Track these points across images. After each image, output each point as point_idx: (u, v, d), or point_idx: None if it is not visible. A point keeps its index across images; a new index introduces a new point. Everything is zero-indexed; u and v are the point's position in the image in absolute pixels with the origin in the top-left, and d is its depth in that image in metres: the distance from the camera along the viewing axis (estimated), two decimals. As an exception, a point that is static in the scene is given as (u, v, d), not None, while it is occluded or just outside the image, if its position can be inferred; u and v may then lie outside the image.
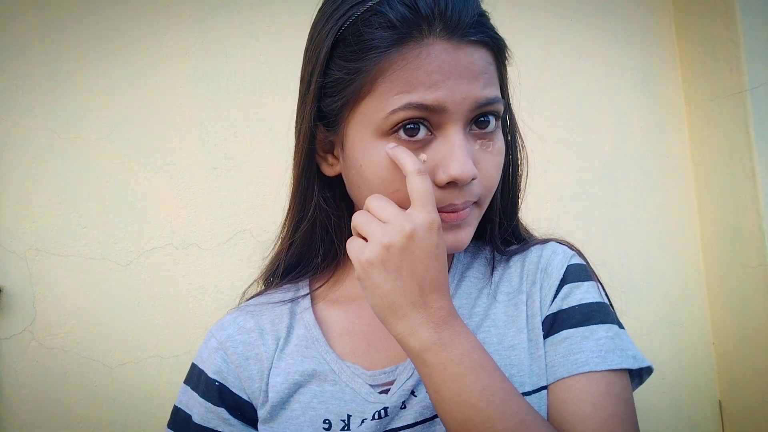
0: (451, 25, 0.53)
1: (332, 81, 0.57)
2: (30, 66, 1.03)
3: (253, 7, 1.14)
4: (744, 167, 1.31)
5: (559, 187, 1.33)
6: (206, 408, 0.62)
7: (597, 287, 0.65)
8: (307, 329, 0.65)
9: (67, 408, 1.01)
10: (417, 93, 0.53)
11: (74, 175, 1.04)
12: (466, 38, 0.54)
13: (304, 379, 0.61)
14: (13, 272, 1.01)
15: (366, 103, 0.56)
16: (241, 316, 0.67)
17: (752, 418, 1.34)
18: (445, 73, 0.53)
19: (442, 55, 0.53)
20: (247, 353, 0.63)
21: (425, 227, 0.52)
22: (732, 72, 1.32)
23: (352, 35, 0.55)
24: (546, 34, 1.35)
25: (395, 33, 0.53)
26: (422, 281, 0.52)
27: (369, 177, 0.57)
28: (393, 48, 0.53)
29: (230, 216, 1.11)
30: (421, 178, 0.52)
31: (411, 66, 0.53)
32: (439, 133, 0.55)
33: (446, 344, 0.51)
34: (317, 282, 0.70)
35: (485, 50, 0.56)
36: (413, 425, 0.57)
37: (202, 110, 1.11)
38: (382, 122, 0.54)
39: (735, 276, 1.35)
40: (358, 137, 0.57)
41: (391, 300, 0.51)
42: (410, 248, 0.51)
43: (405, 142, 0.55)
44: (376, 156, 0.56)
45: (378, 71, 0.54)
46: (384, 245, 0.51)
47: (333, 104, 0.58)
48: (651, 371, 0.62)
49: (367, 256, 0.52)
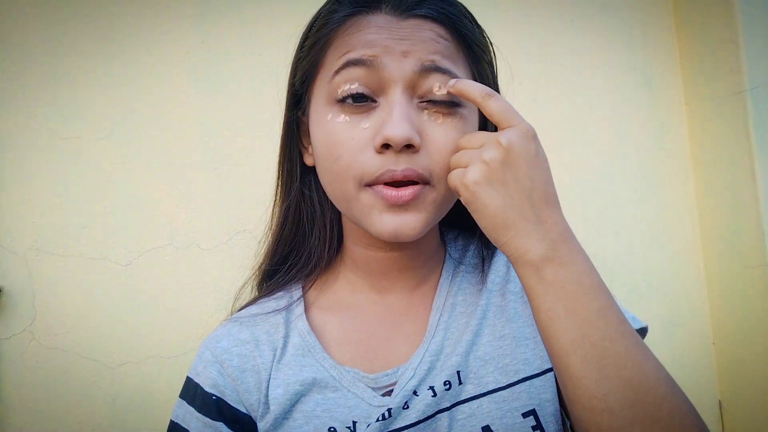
0: (396, 1, 0.57)
1: (298, 61, 0.63)
2: (30, 66, 1.03)
3: (253, 7, 1.14)
4: (744, 167, 1.31)
5: (558, 187, 1.33)
6: (204, 423, 0.60)
7: None
8: (302, 337, 0.63)
9: (67, 408, 1.01)
10: (355, 51, 0.55)
11: (74, 175, 1.04)
12: (411, 12, 0.56)
13: (305, 389, 0.60)
14: (13, 272, 1.01)
15: (319, 76, 0.59)
16: (235, 327, 0.65)
17: (752, 418, 1.34)
18: (383, 35, 0.55)
19: (383, 23, 0.56)
20: (244, 365, 0.62)
21: (519, 136, 0.51)
22: (732, 72, 1.32)
23: (318, 21, 0.61)
24: (546, 34, 1.34)
25: (347, 9, 0.58)
26: (531, 193, 0.51)
27: (319, 148, 0.59)
28: (341, 20, 0.57)
29: (230, 216, 1.11)
30: (494, 98, 0.53)
31: (353, 31, 0.56)
32: (382, 99, 0.56)
33: (564, 262, 0.50)
34: (308, 284, 0.69)
35: (436, 24, 0.57)
36: (416, 424, 0.57)
37: (202, 110, 1.11)
38: (328, 87, 0.57)
39: (735, 276, 1.35)
40: (314, 110, 0.60)
41: (503, 217, 0.50)
42: (511, 160, 0.51)
43: (349, 107, 0.56)
44: (324, 124, 0.58)
45: (327, 43, 0.58)
46: (484, 161, 0.51)
47: (298, 82, 0.62)
48: (646, 332, 0.64)
49: (471, 176, 0.51)
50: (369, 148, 0.55)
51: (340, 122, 0.56)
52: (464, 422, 0.57)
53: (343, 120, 0.56)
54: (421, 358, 0.60)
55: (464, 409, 0.57)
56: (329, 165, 0.57)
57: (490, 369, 0.59)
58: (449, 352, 0.60)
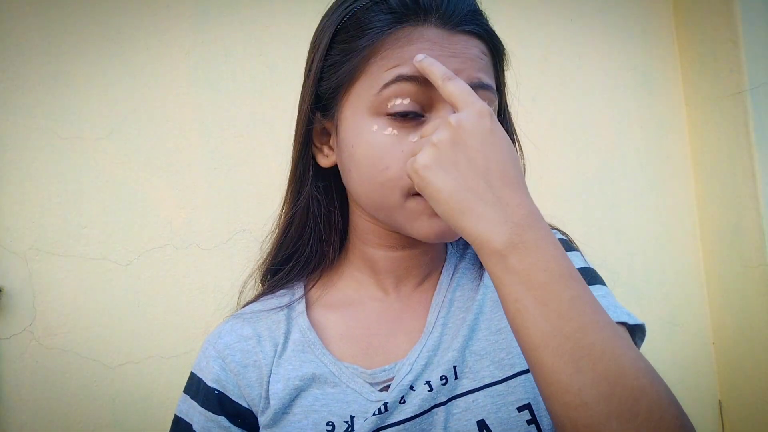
0: (447, 14, 0.56)
1: (329, 64, 0.60)
2: (30, 66, 1.03)
3: (253, 7, 1.14)
4: (744, 167, 1.31)
5: (559, 187, 1.33)
6: (206, 417, 0.62)
7: (580, 255, 0.66)
8: (303, 333, 0.64)
9: (67, 408, 1.01)
10: (408, 66, 0.54)
11: (74, 175, 1.04)
12: (461, 27, 0.56)
13: (304, 384, 0.61)
14: (13, 272, 1.01)
15: (359, 84, 0.57)
16: (238, 323, 0.66)
17: (752, 418, 1.34)
18: (436, 51, 0.55)
19: (434, 37, 0.55)
20: (245, 360, 0.63)
21: (471, 114, 0.49)
22: (732, 72, 1.32)
23: (352, 23, 0.58)
24: (546, 34, 1.35)
25: (392, 17, 0.55)
26: (486, 173, 0.48)
27: (359, 157, 0.58)
28: (388, 30, 0.55)
29: (230, 216, 1.11)
30: (452, 81, 0.51)
31: (403, 43, 0.55)
32: (430, 115, 0.56)
33: (530, 248, 0.46)
34: (311, 282, 0.70)
35: (479, 41, 0.58)
36: (411, 418, 0.57)
37: (202, 110, 1.11)
38: (374, 99, 0.56)
39: (735, 276, 1.36)
40: (351, 118, 0.58)
41: (458, 200, 0.47)
42: (462, 139, 0.48)
43: (398, 120, 0.56)
44: (367, 135, 0.57)
45: (371, 52, 0.56)
46: (433, 143, 0.48)
47: (329, 86, 0.60)
48: (644, 334, 0.62)
49: (420, 160, 0.49)
50: None
51: (388, 134, 0.56)
52: (460, 416, 0.57)
53: (391, 132, 0.56)
54: (418, 354, 0.61)
55: (460, 403, 0.58)
56: (373, 175, 0.57)
57: (486, 363, 0.60)
58: (446, 348, 0.61)
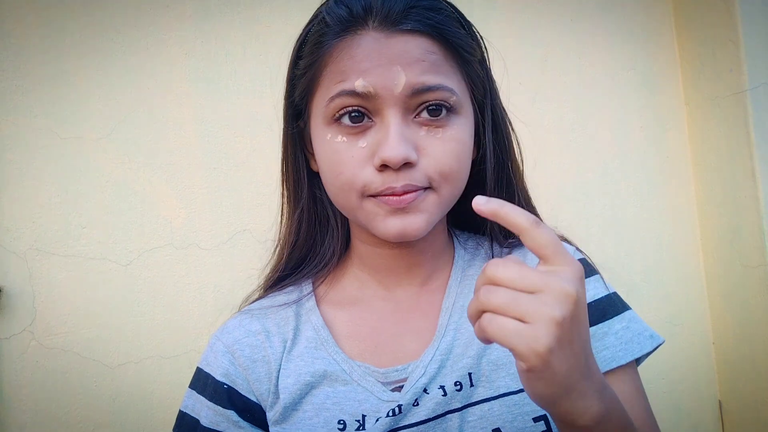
0: (382, 16, 0.57)
1: (297, 77, 0.63)
2: (30, 66, 1.03)
3: (253, 7, 1.14)
4: (744, 167, 1.31)
5: (559, 187, 1.33)
6: (215, 411, 0.62)
7: (601, 279, 0.66)
8: (316, 331, 0.65)
9: (67, 408, 1.01)
10: (349, 81, 0.56)
11: (74, 175, 1.04)
12: (398, 27, 0.57)
13: (315, 380, 0.61)
14: (13, 272, 1.01)
15: (317, 96, 0.61)
16: (246, 319, 0.67)
17: (752, 418, 1.34)
18: (374, 60, 0.56)
19: (371, 44, 0.56)
20: (254, 356, 0.64)
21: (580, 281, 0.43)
22: (732, 72, 1.32)
23: (310, 38, 0.61)
24: (546, 34, 1.35)
25: (334, 29, 0.58)
26: (585, 345, 0.43)
27: (321, 163, 0.61)
28: (333, 42, 0.58)
29: (230, 216, 1.11)
30: (542, 228, 0.44)
31: (345, 56, 0.57)
32: (377, 120, 0.58)
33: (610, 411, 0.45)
34: (318, 280, 0.70)
35: (423, 38, 0.57)
36: (425, 422, 0.58)
37: (202, 110, 1.11)
38: (325, 110, 0.59)
39: (735, 276, 1.35)
40: (314, 128, 0.62)
41: (568, 381, 0.42)
42: (578, 314, 0.42)
43: (346, 128, 0.58)
44: (324, 143, 0.60)
45: (322, 64, 0.59)
46: (557, 322, 0.40)
47: (299, 97, 0.63)
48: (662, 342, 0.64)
49: (545, 343, 0.40)
50: (368, 164, 0.57)
51: (339, 142, 0.59)
52: (475, 424, 0.57)
53: (341, 140, 0.58)
54: (431, 357, 0.61)
55: (475, 411, 0.58)
56: (332, 179, 0.60)
57: (502, 374, 0.60)
58: (460, 353, 0.61)
